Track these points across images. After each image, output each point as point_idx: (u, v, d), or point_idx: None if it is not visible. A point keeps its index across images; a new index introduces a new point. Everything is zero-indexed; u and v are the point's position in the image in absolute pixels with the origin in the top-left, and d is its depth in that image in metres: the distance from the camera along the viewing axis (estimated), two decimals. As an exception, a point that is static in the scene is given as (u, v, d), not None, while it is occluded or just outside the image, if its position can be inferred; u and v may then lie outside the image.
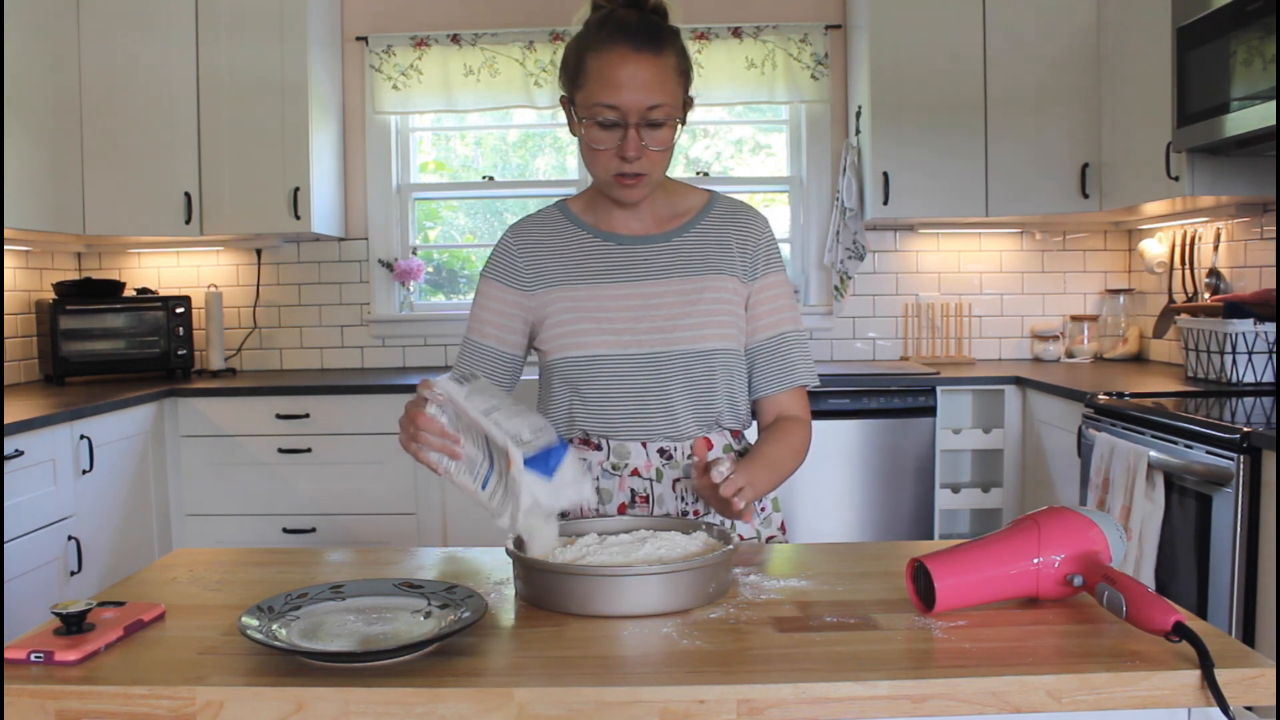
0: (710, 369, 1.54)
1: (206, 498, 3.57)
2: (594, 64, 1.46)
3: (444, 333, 4.18)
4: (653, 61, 1.45)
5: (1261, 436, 2.12)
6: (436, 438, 1.26)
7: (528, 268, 1.59)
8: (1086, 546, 1.13)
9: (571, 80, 1.51)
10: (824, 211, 4.13)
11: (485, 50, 4.04)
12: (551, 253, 1.60)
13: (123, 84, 3.71)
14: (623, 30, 1.45)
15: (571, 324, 1.54)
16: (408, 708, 0.95)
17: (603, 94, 1.45)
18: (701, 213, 1.61)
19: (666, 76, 1.47)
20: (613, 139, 1.47)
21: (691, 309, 1.54)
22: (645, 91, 1.44)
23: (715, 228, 1.60)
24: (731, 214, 1.62)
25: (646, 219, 1.60)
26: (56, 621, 1.09)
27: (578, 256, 1.58)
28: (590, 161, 1.52)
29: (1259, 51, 2.48)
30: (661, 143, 1.49)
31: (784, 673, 0.97)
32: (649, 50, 1.45)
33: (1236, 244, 3.34)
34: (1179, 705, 0.97)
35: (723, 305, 1.56)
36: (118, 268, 4.19)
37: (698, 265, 1.57)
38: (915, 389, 3.49)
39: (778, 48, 4.00)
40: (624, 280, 1.56)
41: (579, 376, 1.53)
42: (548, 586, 1.17)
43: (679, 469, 1.54)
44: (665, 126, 1.48)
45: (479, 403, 1.25)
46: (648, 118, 1.46)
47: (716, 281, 1.56)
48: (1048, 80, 3.63)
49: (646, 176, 1.50)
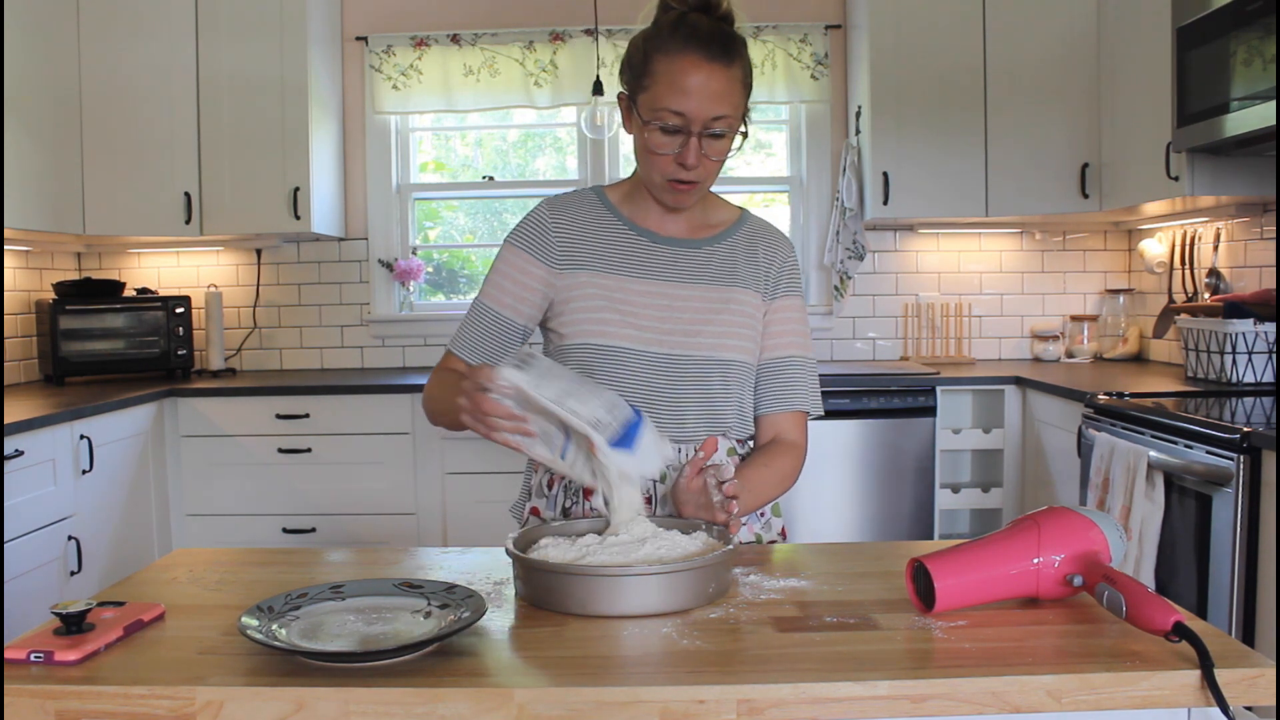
0: (725, 379, 1.55)
1: (206, 498, 3.57)
2: (663, 67, 1.45)
3: (444, 333, 4.18)
4: (723, 72, 1.44)
5: (1261, 436, 2.12)
6: (507, 421, 1.27)
7: (560, 244, 1.58)
8: (1086, 546, 1.13)
9: (636, 79, 1.49)
10: (824, 211, 4.13)
11: (485, 50, 4.04)
12: (584, 235, 1.59)
13: (123, 84, 3.71)
14: (696, 37, 1.44)
15: (598, 311, 1.53)
16: (408, 708, 0.95)
17: (670, 99, 1.44)
18: (734, 226, 1.63)
19: (734, 88, 1.46)
20: (673, 144, 1.47)
21: (715, 317, 1.55)
22: (712, 102, 1.44)
23: (745, 244, 1.62)
24: (762, 233, 1.64)
25: (682, 223, 1.60)
26: (56, 621, 1.09)
27: (611, 245, 1.58)
28: (645, 163, 1.52)
29: (1259, 51, 2.48)
30: (720, 153, 1.49)
31: (784, 673, 0.97)
32: (721, 61, 1.44)
33: (1236, 244, 3.34)
34: (1179, 705, 0.97)
35: (745, 319, 1.57)
36: (118, 268, 4.19)
37: (726, 276, 1.58)
38: (915, 389, 3.49)
39: (778, 48, 4.00)
40: (653, 279, 1.56)
41: (596, 365, 1.52)
42: (548, 586, 1.17)
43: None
44: (725, 138, 1.48)
45: (548, 390, 1.27)
46: (711, 128, 1.45)
47: (742, 295, 1.58)
48: (1048, 80, 3.63)
49: (700, 184, 1.51)
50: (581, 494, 1.55)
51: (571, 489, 1.56)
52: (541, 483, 1.61)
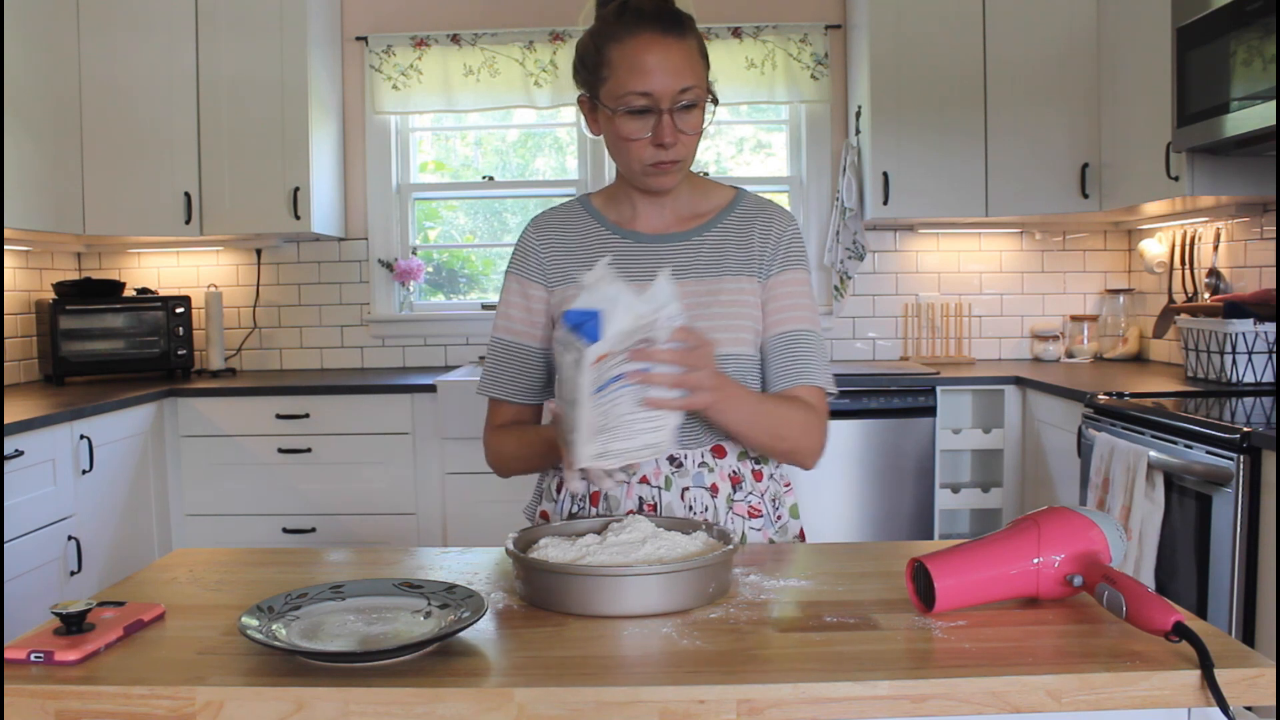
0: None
1: (206, 498, 3.57)
2: (618, 54, 1.45)
3: (444, 333, 4.18)
4: (679, 45, 1.45)
5: (1261, 436, 2.12)
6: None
7: (549, 261, 1.58)
8: (1086, 546, 1.13)
9: (592, 75, 1.49)
10: (824, 211, 4.13)
11: (485, 50, 4.04)
12: (570, 247, 1.58)
13: (123, 84, 3.71)
14: (644, 17, 1.44)
15: None
16: (408, 708, 0.95)
17: (633, 82, 1.43)
18: (726, 210, 1.59)
19: (693, 59, 1.46)
20: (645, 127, 1.46)
21: (706, 311, 1.51)
22: (676, 75, 1.44)
23: (738, 225, 1.57)
24: (758, 210, 1.59)
25: (669, 216, 1.58)
26: (56, 621, 1.09)
27: (596, 252, 1.55)
28: (622, 154, 1.50)
29: (1259, 51, 2.48)
30: (694, 126, 1.48)
31: (784, 673, 0.97)
32: (674, 34, 1.45)
33: (1236, 244, 3.34)
34: (1179, 705, 0.97)
35: (738, 309, 1.53)
36: (118, 268, 4.19)
37: (716, 266, 1.54)
38: (915, 389, 3.49)
39: (778, 48, 4.00)
40: (641, 280, 1.52)
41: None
42: (548, 586, 1.17)
43: (689, 477, 1.51)
44: (696, 109, 1.47)
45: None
46: (680, 101, 1.45)
47: (734, 284, 1.53)
48: (1048, 80, 3.63)
49: (681, 162, 1.49)
50: (589, 500, 1.54)
51: (579, 495, 1.54)
52: (550, 487, 1.60)
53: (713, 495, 1.51)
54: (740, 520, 1.53)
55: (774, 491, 1.58)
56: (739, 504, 1.53)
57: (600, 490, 1.50)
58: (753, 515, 1.54)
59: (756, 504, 1.54)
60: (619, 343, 1.20)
